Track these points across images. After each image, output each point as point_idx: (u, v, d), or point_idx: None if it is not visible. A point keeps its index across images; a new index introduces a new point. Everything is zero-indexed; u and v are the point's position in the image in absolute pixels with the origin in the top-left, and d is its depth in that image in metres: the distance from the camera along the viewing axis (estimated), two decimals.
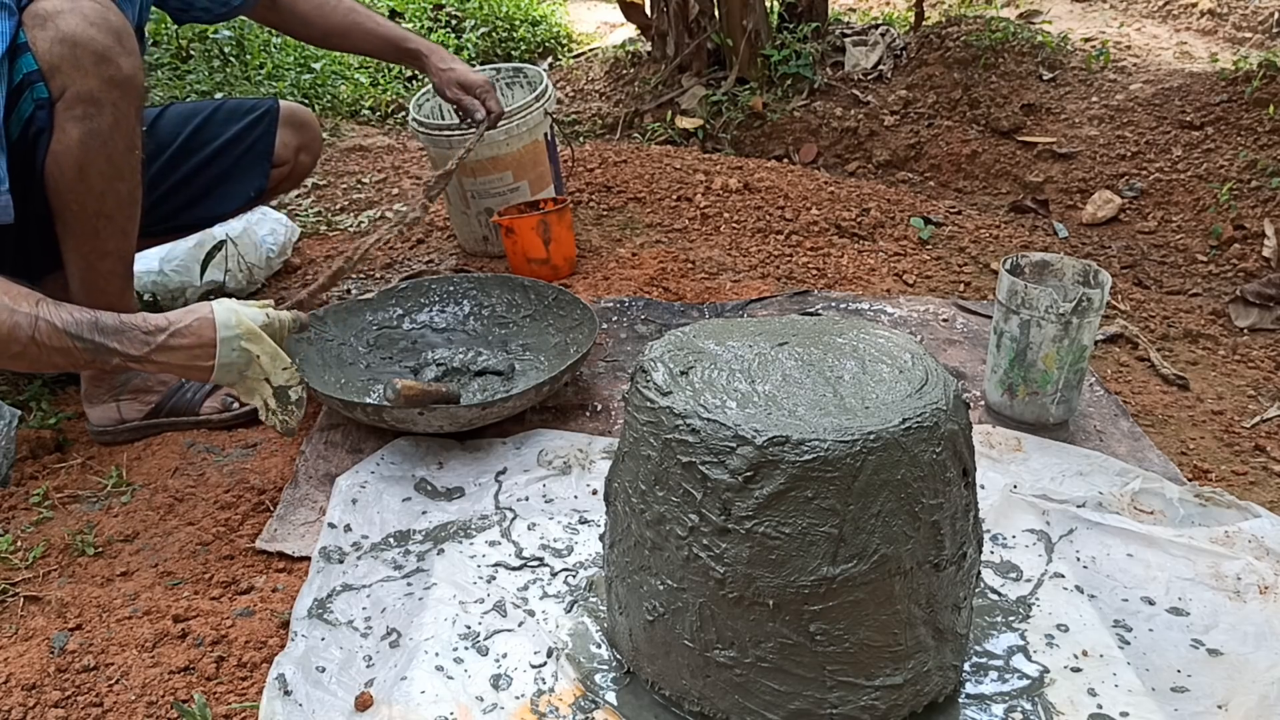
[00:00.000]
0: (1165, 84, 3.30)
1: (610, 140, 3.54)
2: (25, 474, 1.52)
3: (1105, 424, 1.66)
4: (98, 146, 1.38)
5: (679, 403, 0.96)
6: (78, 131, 1.36)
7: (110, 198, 1.43)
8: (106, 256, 1.47)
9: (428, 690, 1.07)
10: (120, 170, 1.42)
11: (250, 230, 2.19)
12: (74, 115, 1.35)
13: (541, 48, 4.83)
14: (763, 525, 0.91)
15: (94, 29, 1.33)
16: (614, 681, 1.11)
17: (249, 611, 1.22)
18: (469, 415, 1.52)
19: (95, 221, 1.43)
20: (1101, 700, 1.07)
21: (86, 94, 1.34)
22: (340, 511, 1.38)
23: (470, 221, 2.33)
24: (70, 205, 1.40)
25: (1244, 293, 2.37)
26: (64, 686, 1.09)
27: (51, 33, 1.31)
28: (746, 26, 3.57)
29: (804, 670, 0.96)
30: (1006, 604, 1.23)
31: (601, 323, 1.97)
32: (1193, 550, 1.29)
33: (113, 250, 1.48)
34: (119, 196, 1.44)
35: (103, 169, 1.40)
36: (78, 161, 1.37)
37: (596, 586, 1.25)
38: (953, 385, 1.00)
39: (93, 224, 1.43)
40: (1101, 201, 2.97)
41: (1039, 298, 1.54)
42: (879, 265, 2.33)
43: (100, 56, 1.34)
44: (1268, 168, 2.82)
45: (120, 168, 1.42)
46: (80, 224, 1.42)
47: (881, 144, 3.37)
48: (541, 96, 2.21)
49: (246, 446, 1.59)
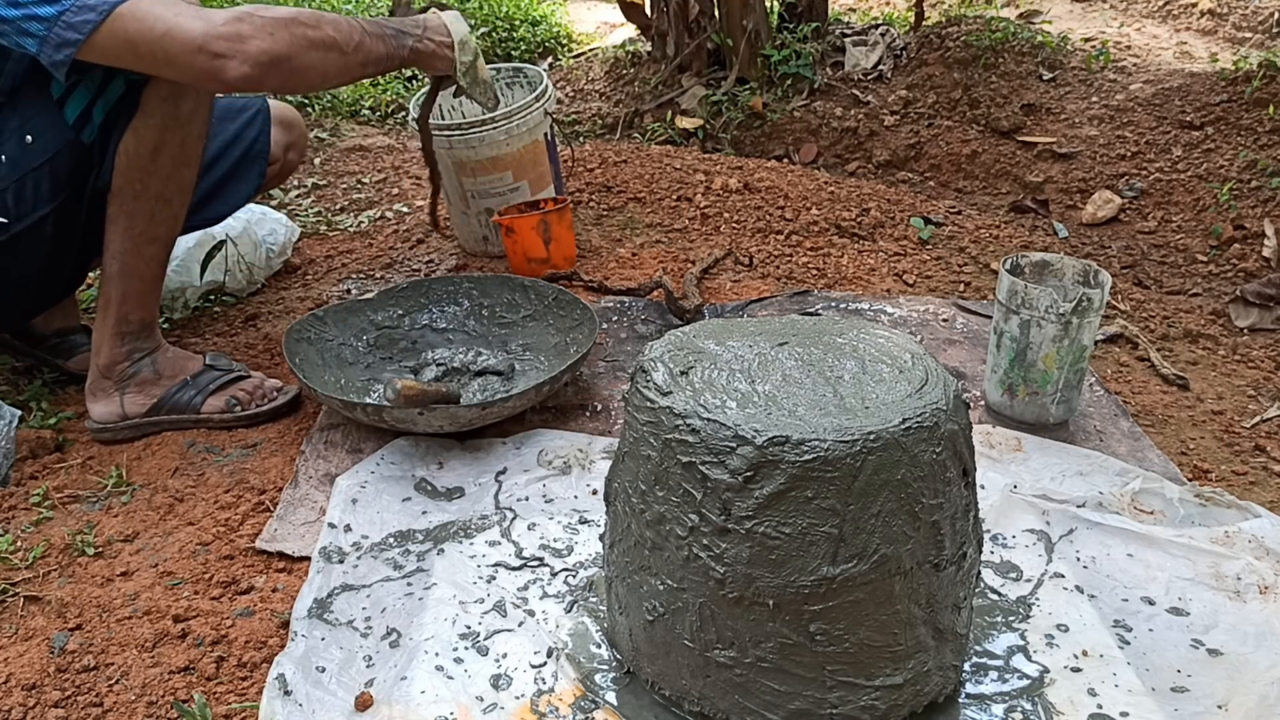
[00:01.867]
0: (1165, 84, 3.30)
1: (610, 140, 3.54)
2: (25, 474, 1.52)
3: (1105, 424, 1.66)
4: (176, 129, 1.45)
5: (679, 403, 0.96)
6: (161, 112, 1.43)
7: (174, 182, 1.50)
8: (154, 241, 1.53)
9: (428, 690, 1.07)
10: (190, 157, 1.50)
11: (250, 230, 2.19)
12: (161, 96, 1.42)
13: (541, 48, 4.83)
14: (763, 525, 0.91)
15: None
16: (614, 681, 1.11)
17: (249, 611, 1.22)
18: (469, 415, 1.52)
19: (154, 204, 1.49)
20: (1101, 700, 1.07)
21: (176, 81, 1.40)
22: (340, 511, 1.38)
23: (470, 221, 2.33)
24: (135, 184, 1.46)
25: (1244, 293, 2.37)
26: (64, 686, 1.09)
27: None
28: (746, 26, 3.57)
29: (804, 670, 0.96)
30: (1006, 604, 1.23)
31: (601, 323, 1.97)
32: (1193, 550, 1.29)
33: (161, 235, 1.54)
34: (181, 182, 1.51)
35: (175, 153, 1.47)
36: (154, 142, 1.44)
37: (596, 586, 1.25)
38: (953, 385, 1.00)
39: (151, 206, 1.49)
40: (1101, 201, 2.97)
41: (1039, 298, 1.54)
42: (879, 265, 2.33)
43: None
44: (1268, 168, 2.82)
45: (190, 154, 1.50)
46: (139, 205, 1.48)
47: (881, 144, 3.37)
48: (541, 96, 2.21)
49: (246, 446, 1.59)
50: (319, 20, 1.40)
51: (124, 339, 1.58)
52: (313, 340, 1.72)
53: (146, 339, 1.60)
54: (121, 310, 1.56)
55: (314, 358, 1.70)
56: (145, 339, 1.60)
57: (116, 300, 1.55)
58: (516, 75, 2.45)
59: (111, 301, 1.55)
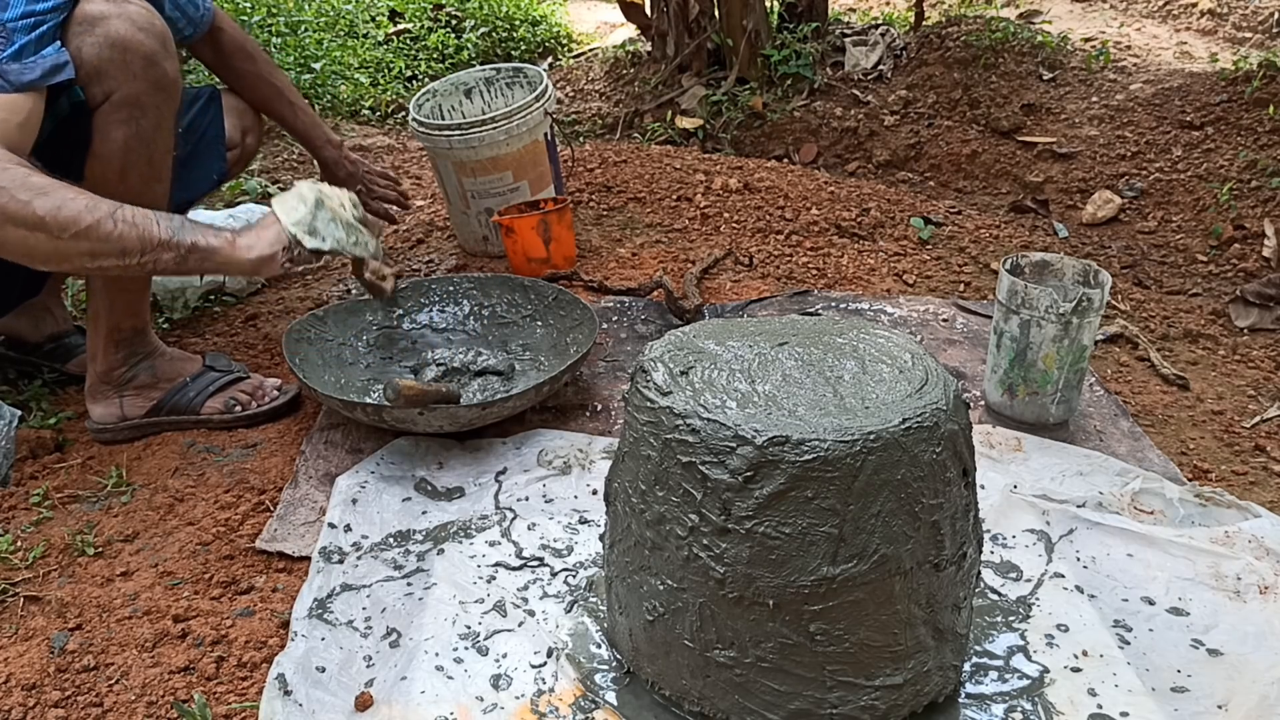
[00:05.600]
0: (1165, 84, 3.30)
1: (610, 140, 3.54)
2: (25, 474, 1.52)
3: (1105, 424, 1.66)
4: (140, 149, 1.40)
5: (679, 403, 0.96)
6: (122, 135, 1.37)
7: (147, 198, 1.45)
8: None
9: (428, 690, 1.07)
10: (159, 172, 1.45)
11: None
12: (119, 119, 1.36)
13: (541, 48, 4.83)
14: (763, 525, 0.91)
15: (143, 34, 1.34)
16: (614, 681, 1.11)
17: (249, 611, 1.22)
18: (469, 415, 1.52)
19: None
20: (1101, 700, 1.07)
21: (133, 98, 1.36)
22: (340, 511, 1.38)
23: (470, 221, 2.33)
24: None
25: (1244, 293, 2.37)
26: (64, 686, 1.09)
27: (100, 37, 1.32)
28: (746, 26, 3.57)
29: (804, 670, 0.96)
30: (1006, 604, 1.23)
31: (601, 323, 1.97)
32: (1193, 550, 1.29)
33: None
34: (155, 197, 1.47)
35: (143, 171, 1.42)
36: (120, 164, 1.39)
37: (596, 586, 1.25)
38: (953, 385, 1.00)
39: None
40: (1101, 201, 2.97)
41: (1039, 298, 1.54)
42: (879, 265, 2.33)
43: (149, 60, 1.35)
44: (1268, 168, 2.82)
45: (159, 169, 1.45)
46: None
47: (881, 144, 3.37)
48: (541, 96, 2.21)
49: (246, 446, 1.59)
50: (35, 192, 1.19)
51: (119, 346, 1.58)
52: (313, 340, 1.72)
53: (142, 344, 1.60)
54: (112, 320, 1.55)
55: (314, 358, 1.69)
56: (141, 344, 1.60)
57: (105, 312, 1.54)
58: (516, 75, 2.45)
59: (101, 313, 1.55)
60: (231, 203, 2.54)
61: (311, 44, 4.00)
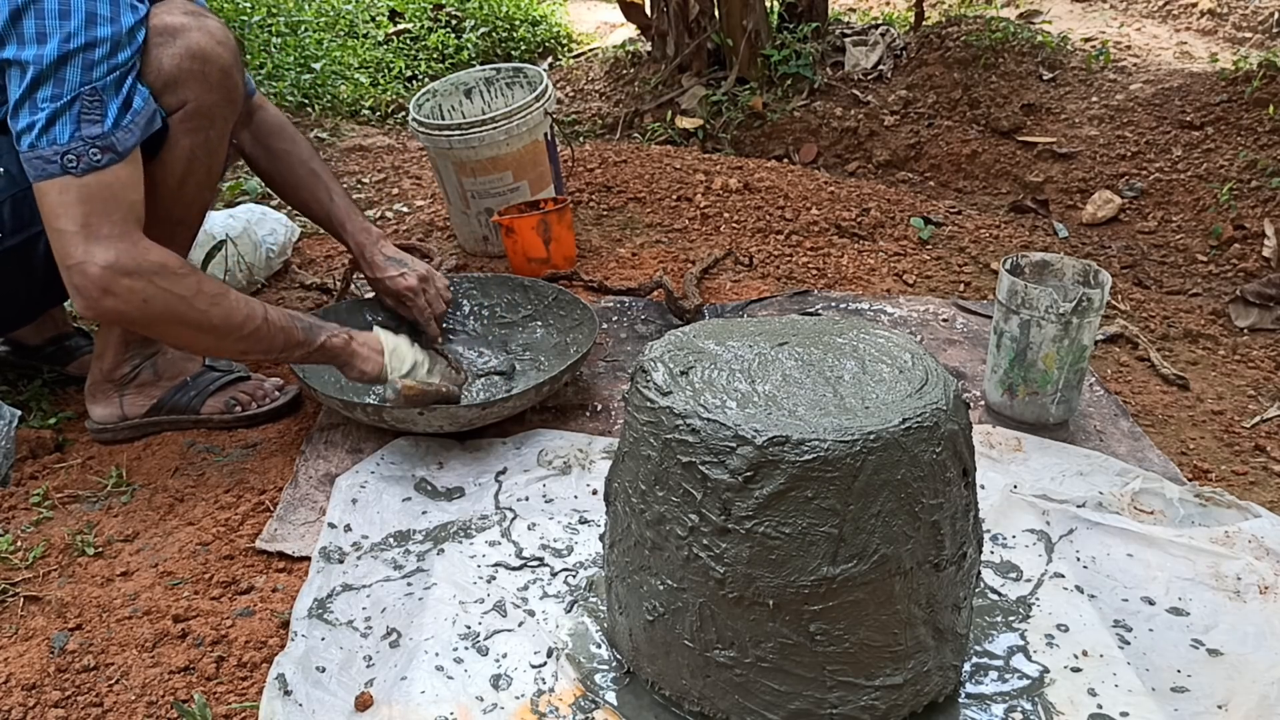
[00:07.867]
0: (1165, 84, 3.30)
1: (610, 140, 3.54)
2: (25, 474, 1.52)
3: (1105, 424, 1.66)
4: (204, 158, 1.43)
5: (679, 403, 0.96)
6: (189, 143, 1.39)
7: (196, 205, 1.49)
8: None
9: (428, 690, 1.07)
10: (213, 181, 1.49)
11: (250, 230, 2.19)
12: (189, 128, 1.38)
13: (541, 48, 4.83)
14: (763, 525, 0.91)
15: (221, 47, 1.37)
16: (614, 681, 1.11)
17: (249, 611, 1.22)
18: (469, 415, 1.52)
19: (173, 228, 1.46)
20: (1101, 700, 1.07)
21: (207, 109, 1.38)
22: (340, 511, 1.38)
23: (470, 221, 2.33)
24: (157, 210, 1.41)
25: (1244, 293, 2.37)
26: (64, 686, 1.09)
27: (180, 49, 1.33)
28: (746, 26, 3.58)
29: (804, 670, 0.96)
30: (1006, 604, 1.23)
31: (601, 323, 1.97)
32: (1193, 550, 1.29)
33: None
34: (203, 204, 1.51)
35: (201, 179, 1.45)
36: (182, 172, 1.41)
37: (596, 586, 1.25)
38: (953, 385, 1.00)
39: (170, 230, 1.45)
40: (1101, 201, 2.97)
41: (1039, 298, 1.54)
42: (879, 265, 2.33)
43: (225, 73, 1.38)
44: (1268, 168, 2.82)
45: (214, 178, 1.49)
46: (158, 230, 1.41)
47: (881, 144, 3.37)
48: (541, 96, 2.21)
49: (246, 446, 1.59)
50: (210, 301, 1.32)
51: (129, 346, 1.58)
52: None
53: (148, 343, 1.61)
54: None
55: None
56: (147, 343, 1.60)
57: None
58: (516, 75, 2.45)
59: None
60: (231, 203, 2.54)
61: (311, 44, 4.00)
